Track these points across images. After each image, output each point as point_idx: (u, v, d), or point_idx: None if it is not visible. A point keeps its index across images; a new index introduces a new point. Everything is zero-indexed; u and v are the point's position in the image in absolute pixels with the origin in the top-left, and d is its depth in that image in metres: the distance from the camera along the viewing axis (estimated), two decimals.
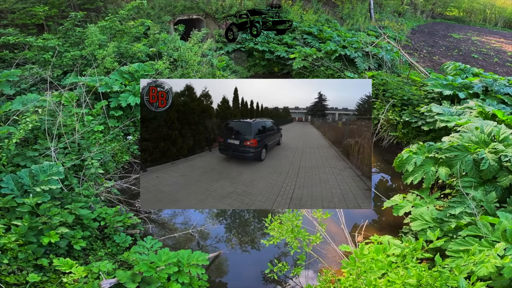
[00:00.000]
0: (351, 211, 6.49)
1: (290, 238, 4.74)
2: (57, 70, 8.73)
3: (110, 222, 5.22)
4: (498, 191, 5.07)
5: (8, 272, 4.08)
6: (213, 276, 5.24)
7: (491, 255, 3.51)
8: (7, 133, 5.58)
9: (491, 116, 7.02)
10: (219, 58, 12.00)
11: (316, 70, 12.46)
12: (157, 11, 13.66)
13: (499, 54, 17.34)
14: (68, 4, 11.55)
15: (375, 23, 19.85)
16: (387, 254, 4.20)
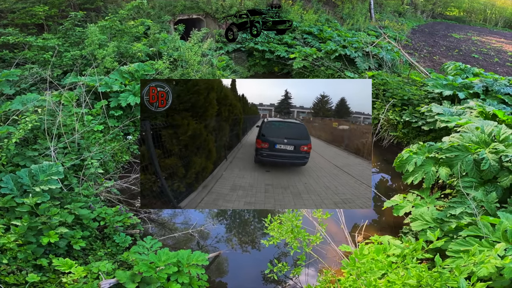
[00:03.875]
0: (351, 211, 6.48)
1: (290, 238, 4.73)
2: (57, 70, 8.72)
3: (110, 222, 5.21)
4: (498, 191, 5.06)
5: (7, 272, 4.07)
6: (213, 276, 5.23)
7: (492, 255, 3.51)
8: (6, 132, 5.57)
9: (492, 116, 7.01)
10: (219, 58, 11.99)
11: (316, 70, 12.46)
12: (157, 10, 13.66)
13: (499, 54, 17.32)
14: (68, 4, 11.55)
15: (375, 23, 19.84)
16: (387, 254, 4.19)
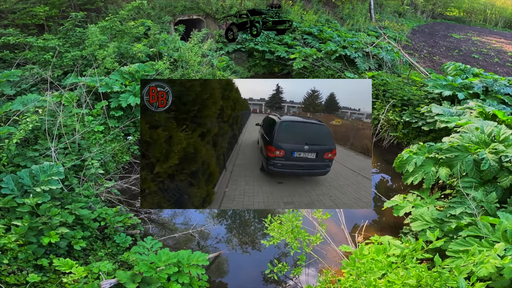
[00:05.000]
0: (351, 211, 6.48)
1: (290, 238, 4.74)
2: (57, 70, 8.73)
3: (110, 222, 5.22)
4: (498, 191, 5.07)
5: (8, 272, 4.08)
6: (213, 276, 5.23)
7: (491, 255, 3.51)
8: (7, 133, 5.59)
9: (492, 117, 7.01)
10: (220, 59, 11.99)
11: (316, 70, 12.47)
12: (157, 11, 13.67)
13: (499, 55, 17.33)
14: (68, 5, 11.56)
15: (375, 23, 19.86)
16: (387, 254, 4.20)
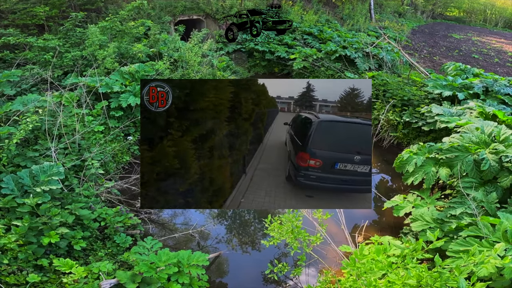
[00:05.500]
0: (351, 211, 6.48)
1: (290, 238, 4.74)
2: (57, 70, 8.73)
3: (110, 222, 5.22)
4: (498, 191, 5.07)
5: (8, 272, 4.08)
6: (214, 276, 5.23)
7: (491, 255, 3.51)
8: (7, 133, 5.59)
9: (492, 117, 7.01)
10: (220, 59, 12.00)
11: (317, 70, 12.47)
12: (157, 11, 13.68)
13: (499, 55, 17.33)
14: (68, 5, 11.56)
15: (375, 23, 19.87)
16: (387, 254, 4.19)
